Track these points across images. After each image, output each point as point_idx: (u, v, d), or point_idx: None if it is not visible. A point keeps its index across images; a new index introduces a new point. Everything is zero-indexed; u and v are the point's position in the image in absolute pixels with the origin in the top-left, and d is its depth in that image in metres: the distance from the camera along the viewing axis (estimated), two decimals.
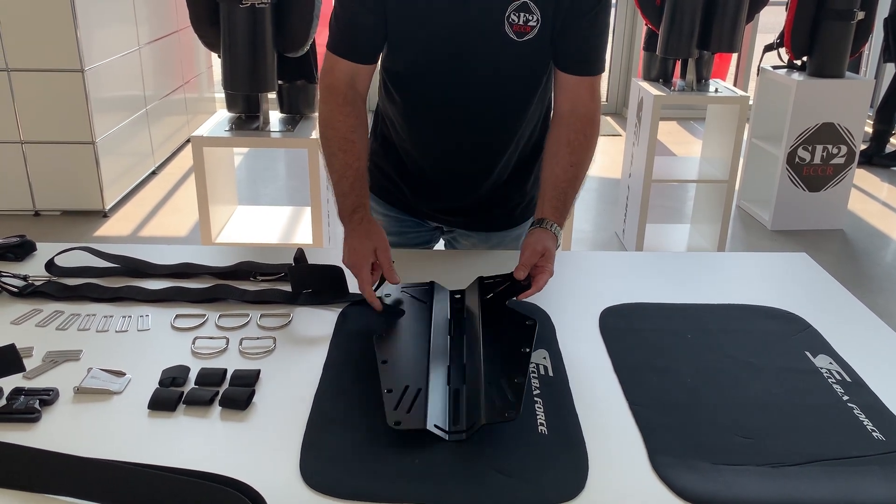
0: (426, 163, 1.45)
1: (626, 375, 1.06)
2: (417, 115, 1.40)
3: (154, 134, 4.54)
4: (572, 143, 1.31)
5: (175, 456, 0.87)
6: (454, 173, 1.45)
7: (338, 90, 1.33)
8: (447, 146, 1.41)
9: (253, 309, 1.22)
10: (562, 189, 1.30)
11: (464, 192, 1.47)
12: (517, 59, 1.29)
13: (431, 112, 1.38)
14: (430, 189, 1.48)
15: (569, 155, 1.31)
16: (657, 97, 3.31)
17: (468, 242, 1.58)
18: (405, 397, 0.96)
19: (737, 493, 0.83)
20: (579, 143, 1.32)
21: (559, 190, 1.30)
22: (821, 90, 3.70)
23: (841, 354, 1.13)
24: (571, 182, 1.31)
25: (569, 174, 1.31)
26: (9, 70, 3.59)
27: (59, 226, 3.78)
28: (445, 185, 1.47)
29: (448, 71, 1.31)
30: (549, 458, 0.89)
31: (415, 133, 1.42)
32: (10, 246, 1.38)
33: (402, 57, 1.33)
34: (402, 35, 1.30)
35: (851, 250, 3.77)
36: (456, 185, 1.47)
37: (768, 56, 3.93)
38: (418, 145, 1.43)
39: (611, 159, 5.16)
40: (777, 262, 1.48)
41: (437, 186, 1.48)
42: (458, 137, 1.39)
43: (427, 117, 1.39)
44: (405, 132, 1.42)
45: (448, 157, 1.43)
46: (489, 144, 1.40)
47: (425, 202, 1.52)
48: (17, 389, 0.98)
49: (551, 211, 1.29)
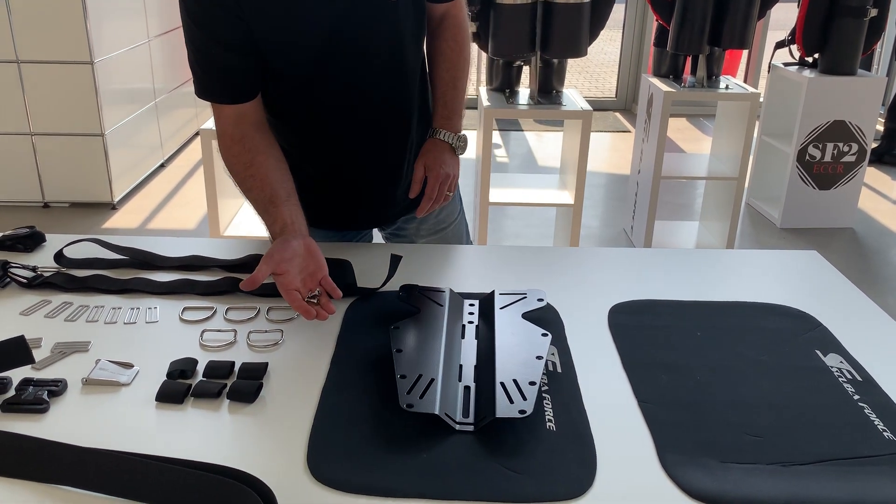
0: (339, 173, 1.42)
1: (634, 372, 1.05)
2: (313, 118, 1.34)
3: (163, 127, 4.55)
4: (445, 52, 1.42)
5: (182, 448, 0.87)
6: (367, 169, 1.42)
7: (224, 133, 1.28)
8: (353, 142, 1.37)
9: (261, 302, 1.22)
10: (444, 95, 1.41)
11: (385, 181, 1.45)
12: (395, 24, 1.28)
13: (327, 108, 1.33)
14: (352, 193, 1.45)
15: (444, 62, 1.42)
16: (667, 93, 3.30)
17: (413, 225, 1.56)
18: (419, 384, 0.96)
19: (746, 492, 0.83)
20: (451, 49, 1.42)
21: (443, 97, 1.42)
22: (832, 87, 3.67)
23: (852, 353, 1.12)
24: (451, 85, 1.41)
25: (446, 80, 1.41)
26: (19, 62, 3.60)
27: (67, 218, 3.79)
28: (364, 183, 1.44)
29: (334, 54, 1.26)
30: (558, 454, 0.88)
31: (315, 140, 1.38)
32: (19, 237, 1.38)
33: (282, 59, 1.25)
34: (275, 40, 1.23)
35: (861, 249, 3.74)
36: (373, 179, 1.44)
37: (779, 53, 3.91)
38: (323, 153, 1.40)
39: (619, 155, 5.15)
40: (787, 259, 1.47)
41: (361, 190, 1.45)
42: (361, 126, 1.36)
43: (324, 116, 1.34)
44: (303, 146, 1.38)
45: (356, 153, 1.39)
46: (393, 123, 1.39)
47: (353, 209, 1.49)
48: (25, 380, 0.98)
49: (440, 119, 1.41)
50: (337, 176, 1.44)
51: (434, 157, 1.39)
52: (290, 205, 1.23)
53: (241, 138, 1.27)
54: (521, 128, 5.75)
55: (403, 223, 1.57)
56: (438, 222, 1.57)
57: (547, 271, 1.37)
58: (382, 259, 1.31)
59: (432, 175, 1.37)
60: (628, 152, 5.07)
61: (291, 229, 1.20)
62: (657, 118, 3.37)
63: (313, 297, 1.15)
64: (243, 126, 1.27)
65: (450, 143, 1.41)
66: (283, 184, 1.26)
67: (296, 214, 1.23)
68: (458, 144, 1.42)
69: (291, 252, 1.14)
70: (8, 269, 1.27)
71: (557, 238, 3.44)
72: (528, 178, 3.53)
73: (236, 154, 1.27)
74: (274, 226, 1.22)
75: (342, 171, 1.43)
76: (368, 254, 1.41)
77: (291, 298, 1.11)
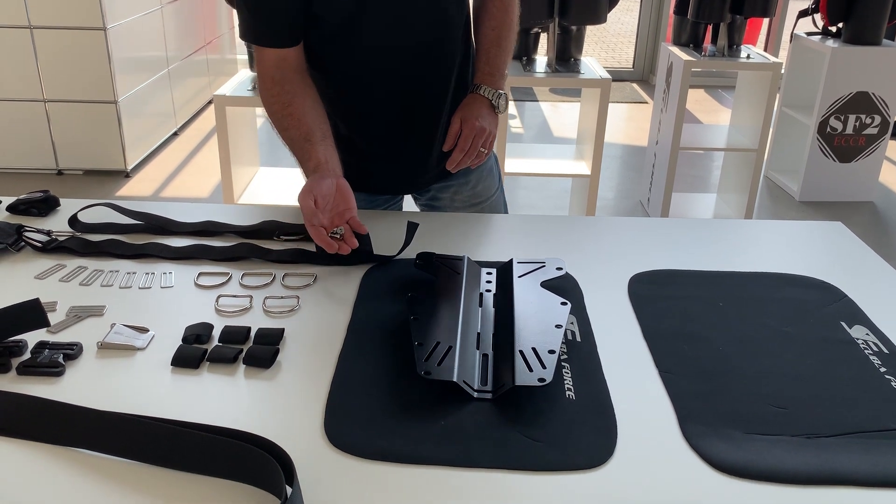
0: (373, 131, 1.41)
1: (655, 342, 1.04)
2: (351, 67, 1.34)
3: (176, 95, 4.52)
4: (491, 10, 1.41)
5: (198, 413, 0.86)
6: (404, 128, 1.41)
7: (265, 75, 1.30)
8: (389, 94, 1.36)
9: (277, 268, 1.21)
10: (488, 52, 1.40)
11: (421, 142, 1.43)
12: None
13: (365, 57, 1.33)
14: (388, 153, 1.44)
15: (489, 20, 1.40)
16: (687, 62, 3.24)
17: (448, 194, 1.54)
18: (436, 351, 0.94)
19: (771, 463, 0.81)
20: (497, 8, 1.41)
21: (486, 54, 1.40)
22: (856, 58, 3.59)
23: (878, 325, 1.10)
24: (495, 43, 1.40)
25: (491, 38, 1.40)
26: (31, 27, 3.58)
27: (81, 185, 3.80)
28: (401, 143, 1.43)
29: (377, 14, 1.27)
30: (577, 423, 0.87)
31: (351, 93, 1.37)
32: (33, 201, 1.38)
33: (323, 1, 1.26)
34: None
35: (882, 223, 3.69)
36: (410, 139, 1.42)
37: (802, 22, 3.82)
38: (358, 107, 1.39)
39: (636, 126, 5.09)
40: (811, 230, 1.44)
41: (393, 151, 1.44)
42: (398, 77, 1.35)
43: (362, 66, 1.34)
44: (339, 99, 1.37)
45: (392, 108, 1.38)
46: (432, 76, 1.37)
47: (388, 172, 1.48)
48: (41, 343, 0.98)
49: (481, 75, 1.39)
50: (371, 132, 1.42)
51: (471, 110, 1.36)
52: (325, 145, 1.26)
53: (281, 80, 1.29)
54: (537, 98, 5.69)
55: (438, 192, 1.55)
56: (475, 195, 1.55)
57: (565, 241, 1.35)
58: (399, 227, 1.30)
59: (467, 126, 1.34)
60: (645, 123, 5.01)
61: (325, 168, 1.22)
62: (676, 88, 3.31)
63: (335, 234, 1.16)
64: (284, 69, 1.29)
65: (489, 98, 1.38)
66: (319, 124, 1.28)
67: (330, 154, 1.25)
68: (499, 102, 1.38)
69: (326, 189, 1.17)
70: (23, 233, 1.26)
71: (573, 209, 3.41)
72: (543, 148, 3.50)
73: (275, 95, 1.29)
74: (308, 163, 1.24)
75: (377, 128, 1.41)
76: (385, 221, 1.39)
77: (315, 233, 1.14)
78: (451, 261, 1.19)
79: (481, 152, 1.36)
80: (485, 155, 1.37)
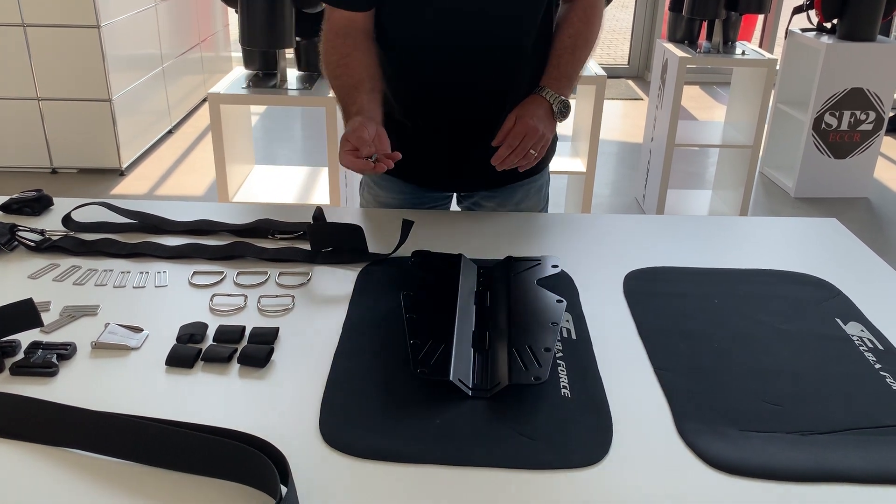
0: (426, 116, 1.41)
1: (651, 339, 1.04)
2: (415, 46, 1.35)
3: (170, 93, 4.51)
4: (572, 20, 1.39)
5: (192, 412, 0.86)
6: (461, 122, 1.40)
7: (330, 29, 1.35)
8: (449, 79, 1.37)
9: (271, 267, 1.20)
10: (560, 57, 1.38)
11: (475, 140, 1.41)
12: None
13: (430, 36, 1.34)
14: (440, 146, 1.43)
15: (568, 28, 1.39)
16: (682, 59, 3.24)
17: (491, 204, 1.54)
18: (430, 349, 0.94)
19: (766, 461, 0.81)
20: (579, 20, 1.39)
21: (557, 60, 1.38)
22: (851, 54, 3.60)
23: (873, 322, 1.10)
24: (569, 51, 1.38)
25: (566, 45, 1.38)
26: (25, 25, 3.56)
27: (75, 184, 3.78)
28: (455, 137, 1.42)
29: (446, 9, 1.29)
30: (573, 421, 0.87)
31: (411, 73, 1.38)
32: (27, 200, 1.37)
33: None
34: None
35: (876, 219, 3.70)
36: (465, 135, 1.41)
37: (797, 18, 3.83)
38: (416, 89, 1.39)
39: (631, 123, 5.09)
40: (806, 227, 1.44)
41: (442, 141, 1.43)
42: (461, 62, 1.34)
43: (425, 46, 1.35)
44: (398, 79, 1.38)
45: (450, 107, 1.39)
46: (496, 67, 1.36)
47: (438, 165, 1.47)
48: (34, 343, 0.97)
49: (548, 79, 1.37)
50: (424, 118, 1.41)
51: (528, 109, 1.31)
52: (371, 95, 1.30)
53: (346, 35, 1.33)
54: None
55: (482, 199, 1.54)
56: (518, 211, 1.52)
57: (561, 238, 1.35)
58: (395, 225, 1.29)
59: (521, 124, 1.29)
60: (640, 120, 5.01)
61: (367, 114, 1.25)
62: (671, 84, 3.31)
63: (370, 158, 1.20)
64: (350, 28, 1.34)
65: (551, 102, 1.34)
66: (371, 78, 1.32)
67: (375, 103, 1.29)
68: (560, 108, 1.35)
69: (367, 134, 1.20)
70: (16, 232, 1.25)
71: (569, 206, 3.41)
72: None
73: (336, 46, 1.33)
74: (352, 106, 1.28)
75: (430, 114, 1.41)
76: (380, 220, 1.39)
77: (348, 161, 1.19)
78: (446, 259, 1.19)
79: (530, 154, 1.29)
80: (534, 159, 1.30)
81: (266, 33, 2.49)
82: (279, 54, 2.65)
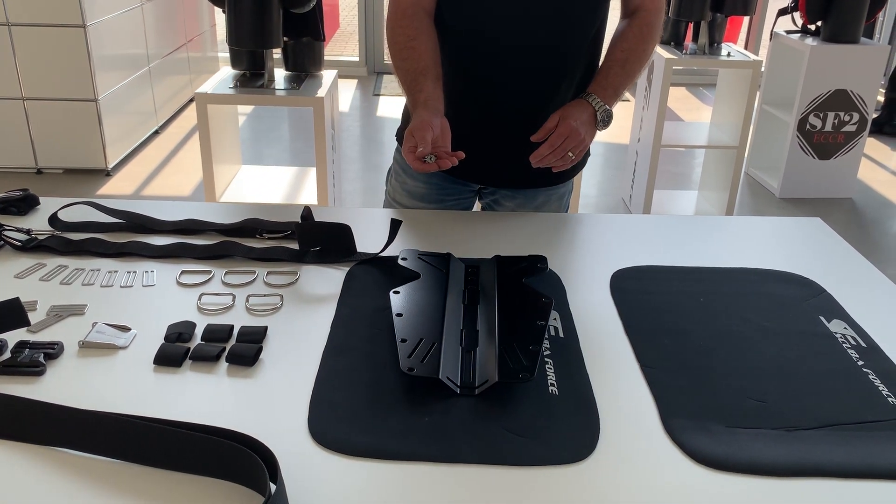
0: (472, 107, 1.42)
1: (637, 337, 1.05)
2: (466, 50, 1.38)
3: (157, 93, 4.49)
4: (627, 35, 1.41)
5: (181, 411, 0.86)
6: (499, 116, 1.42)
7: (398, 8, 1.37)
8: (493, 87, 1.40)
9: (259, 266, 1.20)
10: (610, 68, 1.39)
11: (509, 137, 1.42)
12: None
13: (481, 45, 1.37)
14: (474, 137, 1.42)
15: (622, 42, 1.40)
16: (668, 60, 3.26)
17: (511, 204, 1.55)
18: (419, 347, 0.95)
19: (751, 456, 0.82)
20: (634, 36, 1.41)
21: (607, 70, 1.39)
22: (835, 56, 3.63)
23: (856, 320, 1.11)
24: (620, 64, 1.39)
25: (617, 58, 1.39)
26: (9, 24, 3.53)
27: (61, 184, 3.76)
28: (491, 130, 1.44)
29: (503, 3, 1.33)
30: (560, 418, 0.87)
31: (462, 61, 1.40)
32: (13, 200, 1.36)
33: None
34: None
35: (860, 219, 3.74)
36: (501, 130, 1.43)
37: (781, 20, 3.86)
38: (465, 87, 1.41)
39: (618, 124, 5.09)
40: (790, 226, 1.45)
41: (482, 133, 1.43)
42: (511, 56, 1.37)
43: (476, 52, 1.38)
44: (449, 78, 1.38)
45: (493, 100, 1.41)
46: (537, 85, 1.39)
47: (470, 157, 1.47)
48: (21, 342, 0.97)
49: (595, 86, 1.38)
50: (466, 107, 1.41)
51: (572, 112, 1.32)
52: (437, 84, 1.32)
53: (413, 16, 1.36)
54: None
55: (503, 198, 1.55)
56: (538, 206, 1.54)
57: (548, 237, 1.36)
58: (383, 224, 1.30)
59: (564, 125, 1.29)
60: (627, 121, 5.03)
61: (434, 105, 1.28)
62: (658, 85, 3.33)
63: (427, 159, 1.22)
64: (417, 8, 1.36)
65: (596, 108, 1.34)
66: (436, 64, 1.34)
67: (439, 91, 1.31)
68: (603, 116, 1.36)
69: (431, 135, 1.22)
70: (1, 231, 1.24)
71: None
72: None
73: (404, 27, 1.35)
74: (419, 94, 1.30)
75: (473, 104, 1.42)
76: (369, 219, 1.39)
77: (410, 158, 1.23)
78: (434, 258, 1.19)
79: (568, 157, 1.30)
80: (570, 161, 1.32)
81: (253, 33, 2.49)
82: (266, 54, 2.65)
